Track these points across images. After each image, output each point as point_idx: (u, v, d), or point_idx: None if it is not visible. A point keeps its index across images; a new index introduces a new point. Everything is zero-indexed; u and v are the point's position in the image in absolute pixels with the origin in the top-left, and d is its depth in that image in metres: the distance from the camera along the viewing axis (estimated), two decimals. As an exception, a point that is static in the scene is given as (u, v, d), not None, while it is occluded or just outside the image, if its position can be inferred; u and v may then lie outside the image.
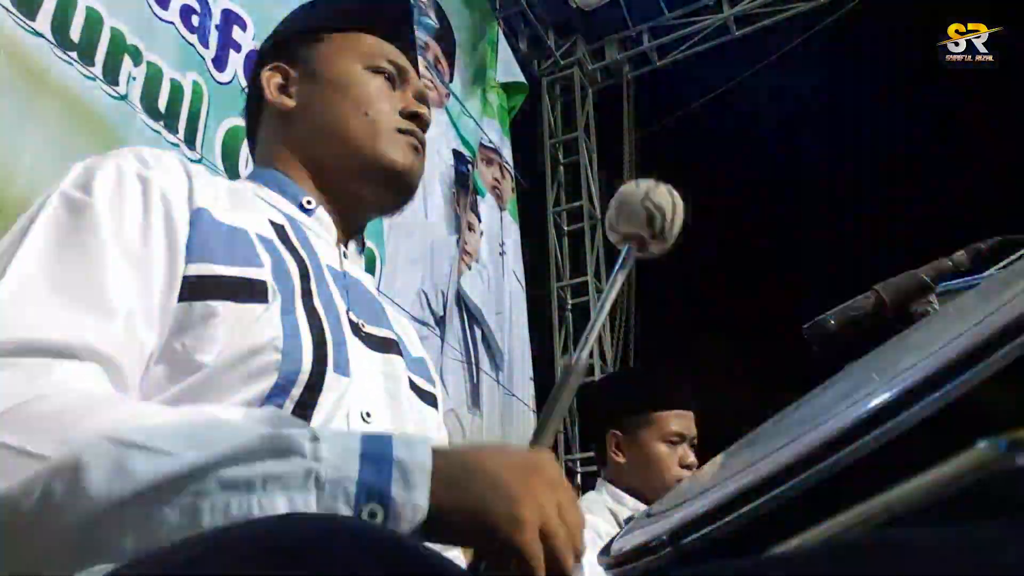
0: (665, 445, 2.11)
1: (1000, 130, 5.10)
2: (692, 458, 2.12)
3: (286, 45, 1.06)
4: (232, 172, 3.12)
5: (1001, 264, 0.87)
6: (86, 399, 0.62)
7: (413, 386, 0.94)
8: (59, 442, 0.57)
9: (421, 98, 1.04)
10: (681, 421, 2.15)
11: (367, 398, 0.83)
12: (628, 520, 1.94)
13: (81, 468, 0.55)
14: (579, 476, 5.72)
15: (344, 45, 1.03)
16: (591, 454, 5.77)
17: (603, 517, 2.03)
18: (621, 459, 2.15)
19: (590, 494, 2.19)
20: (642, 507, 2.08)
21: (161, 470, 0.55)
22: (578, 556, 0.60)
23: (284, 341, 0.76)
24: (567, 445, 5.92)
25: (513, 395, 5.11)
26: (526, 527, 0.57)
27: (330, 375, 0.78)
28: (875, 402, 0.38)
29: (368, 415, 0.81)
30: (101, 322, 0.68)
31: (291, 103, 1.01)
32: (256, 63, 1.08)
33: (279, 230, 0.88)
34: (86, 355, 0.66)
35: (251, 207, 0.89)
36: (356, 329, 0.87)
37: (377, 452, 0.58)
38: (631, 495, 2.11)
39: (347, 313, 0.87)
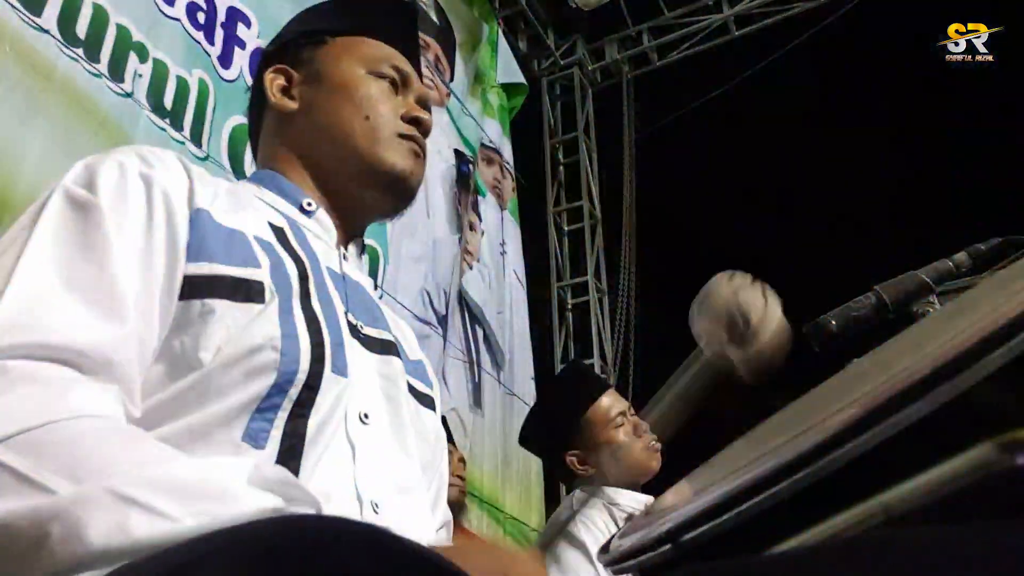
0: (616, 430, 2.15)
1: (1000, 130, 5.10)
2: (644, 424, 2.15)
3: (290, 48, 1.06)
4: (238, 169, 3.12)
5: (1001, 264, 0.87)
6: (98, 432, 0.62)
7: (411, 389, 0.94)
8: (66, 476, 0.56)
9: (423, 103, 1.05)
10: (612, 401, 2.20)
11: (365, 399, 0.83)
12: (628, 518, 1.94)
13: (81, 520, 0.55)
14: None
15: (348, 49, 1.03)
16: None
17: (597, 510, 2.05)
18: (591, 470, 2.17)
19: (577, 492, 2.20)
20: (628, 494, 2.11)
21: (159, 534, 0.55)
22: None
23: (282, 341, 0.76)
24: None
25: (514, 394, 5.11)
26: None
27: (328, 375, 0.78)
28: (874, 401, 0.38)
29: (366, 416, 0.81)
30: (110, 325, 0.68)
31: (293, 105, 1.01)
32: (260, 65, 1.09)
33: (278, 232, 0.88)
34: (100, 366, 0.66)
35: (250, 209, 0.89)
36: (354, 331, 0.87)
37: None
38: (612, 486, 2.14)
39: (345, 315, 0.87)
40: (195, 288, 0.76)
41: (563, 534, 1.95)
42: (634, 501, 2.10)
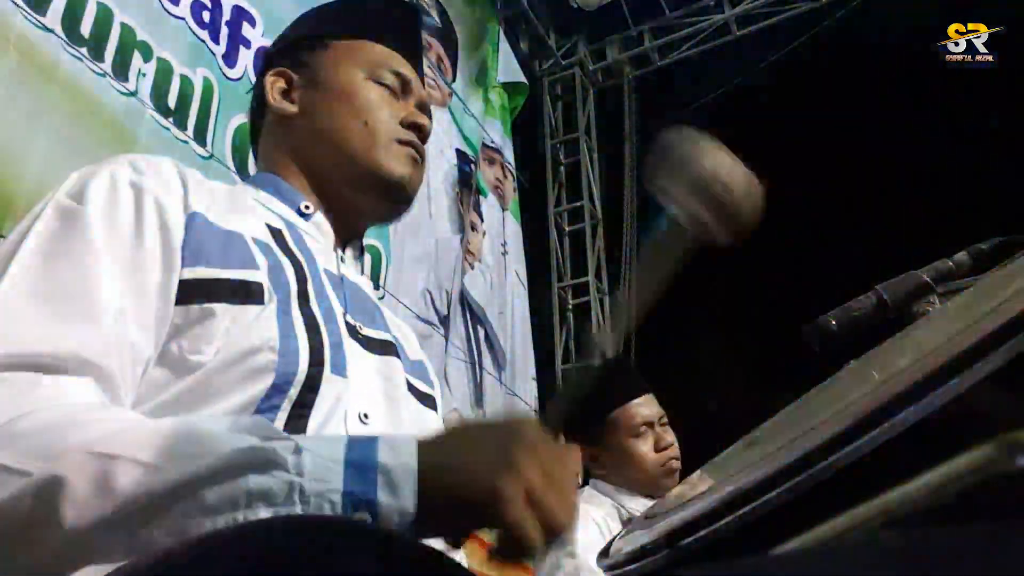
0: (635, 439, 2.10)
1: (1000, 130, 5.10)
2: (669, 437, 2.11)
3: (291, 50, 1.06)
4: (242, 169, 3.11)
5: (1001, 264, 0.87)
6: (71, 413, 0.62)
7: (412, 388, 0.94)
8: (43, 458, 0.57)
9: (423, 108, 1.04)
10: (640, 409, 2.13)
11: (365, 399, 0.83)
12: (627, 522, 1.94)
13: (64, 484, 0.55)
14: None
15: (349, 53, 1.03)
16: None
17: (602, 508, 2.04)
18: (602, 470, 2.16)
19: (587, 489, 2.19)
20: (637, 499, 2.10)
21: (144, 487, 0.55)
22: (570, 512, 0.61)
23: (280, 342, 0.76)
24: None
25: (515, 395, 5.11)
26: (510, 504, 0.57)
27: (327, 376, 0.78)
28: (874, 402, 0.38)
29: (366, 416, 0.81)
30: (88, 330, 0.68)
31: (293, 108, 1.01)
32: (261, 67, 1.09)
33: (276, 234, 0.88)
34: (74, 366, 0.66)
35: (248, 211, 0.89)
36: (353, 331, 0.88)
37: (361, 459, 0.58)
38: (624, 489, 2.12)
39: (344, 316, 0.87)
40: (193, 292, 0.76)
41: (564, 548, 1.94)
42: (642, 507, 2.09)
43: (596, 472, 2.18)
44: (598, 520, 1.98)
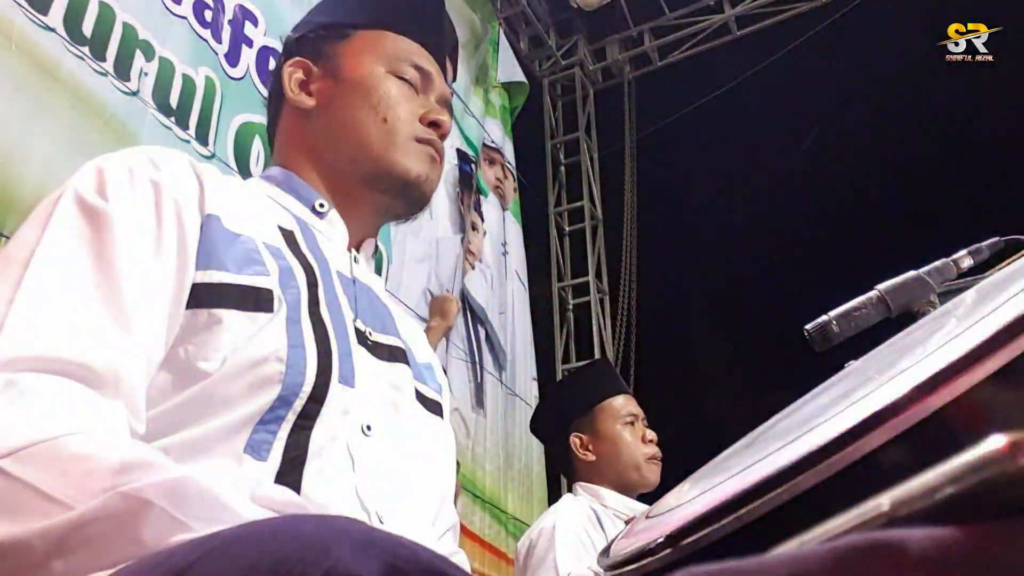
0: (624, 427, 2.22)
1: (1000, 130, 5.10)
2: (652, 434, 2.24)
3: (311, 39, 1.03)
4: (243, 169, 3.11)
5: (1001, 264, 0.87)
6: (109, 449, 0.61)
7: (419, 395, 0.92)
8: (83, 492, 0.56)
9: (444, 103, 1.01)
10: (629, 403, 2.28)
11: (370, 409, 0.81)
12: (628, 522, 1.94)
13: (96, 524, 0.54)
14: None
15: (369, 44, 1.00)
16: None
17: (584, 518, 2.06)
18: (591, 456, 2.22)
19: (566, 499, 2.21)
20: (620, 498, 2.14)
21: (175, 538, 0.54)
22: None
23: (288, 352, 0.75)
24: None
25: (516, 395, 5.11)
26: None
27: (334, 386, 0.77)
28: (875, 402, 0.38)
29: (368, 428, 0.80)
30: (123, 341, 0.67)
31: (310, 102, 0.98)
32: (281, 56, 1.05)
33: (288, 236, 0.86)
34: (110, 384, 0.65)
35: (261, 211, 0.87)
36: (363, 338, 0.86)
37: None
38: (607, 488, 2.15)
39: (354, 322, 0.86)
40: (203, 297, 0.75)
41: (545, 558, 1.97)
42: (624, 506, 2.12)
43: (585, 457, 2.21)
44: (576, 529, 2.01)
